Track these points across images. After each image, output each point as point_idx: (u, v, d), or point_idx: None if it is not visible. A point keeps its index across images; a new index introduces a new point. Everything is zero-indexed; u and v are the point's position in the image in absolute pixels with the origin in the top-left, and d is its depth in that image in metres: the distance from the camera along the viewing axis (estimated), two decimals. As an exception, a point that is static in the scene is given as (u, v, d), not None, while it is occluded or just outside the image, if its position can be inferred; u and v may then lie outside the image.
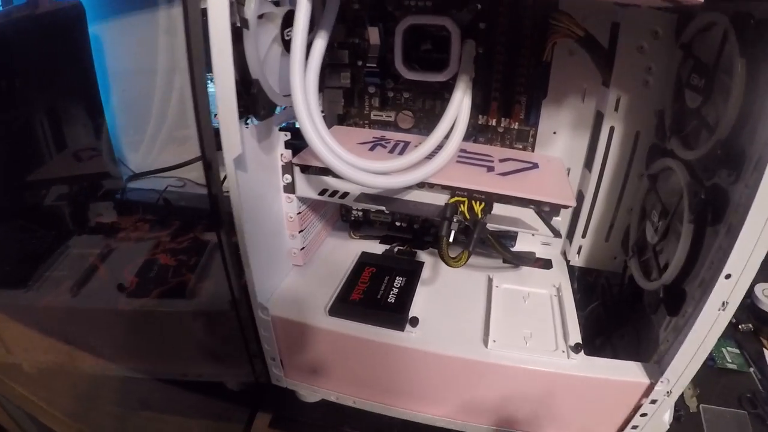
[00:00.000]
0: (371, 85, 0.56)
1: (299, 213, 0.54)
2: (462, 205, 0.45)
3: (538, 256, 0.60)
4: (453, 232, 0.45)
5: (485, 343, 0.48)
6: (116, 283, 0.65)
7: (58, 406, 0.60)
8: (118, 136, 0.86)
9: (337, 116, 0.59)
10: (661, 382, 0.44)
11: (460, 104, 0.47)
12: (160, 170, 0.79)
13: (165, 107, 0.85)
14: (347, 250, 0.60)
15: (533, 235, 0.59)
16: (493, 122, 0.54)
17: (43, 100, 0.75)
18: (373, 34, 0.53)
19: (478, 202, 0.46)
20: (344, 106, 0.57)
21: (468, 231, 0.46)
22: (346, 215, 0.64)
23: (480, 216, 0.45)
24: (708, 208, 0.41)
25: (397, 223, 0.61)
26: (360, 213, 0.63)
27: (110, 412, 0.59)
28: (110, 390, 0.61)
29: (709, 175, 0.42)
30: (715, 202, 0.40)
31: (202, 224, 0.74)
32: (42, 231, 0.73)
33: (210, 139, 0.43)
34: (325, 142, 0.44)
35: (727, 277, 0.37)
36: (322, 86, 0.56)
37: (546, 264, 0.59)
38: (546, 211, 0.46)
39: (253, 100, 0.43)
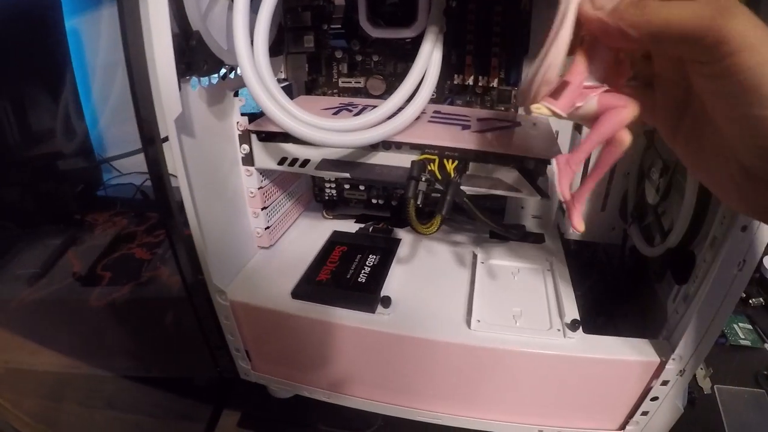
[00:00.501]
0: (338, 49, 0.52)
1: (261, 188, 0.49)
2: (432, 164, 0.40)
3: (529, 230, 0.55)
4: (421, 194, 0.39)
5: (468, 323, 0.42)
6: (85, 278, 0.62)
7: (23, 407, 0.56)
8: (99, 131, 0.84)
9: (304, 85, 0.55)
10: (673, 359, 0.39)
11: (428, 57, 0.43)
12: (124, 155, 0.75)
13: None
14: (320, 231, 0.55)
15: (522, 207, 0.56)
16: (470, 81, 0.49)
17: (16, 88, 0.73)
18: (338, -6, 0.49)
19: (450, 161, 0.41)
20: (310, 73, 0.53)
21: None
22: (319, 195, 0.59)
23: (453, 175, 0.40)
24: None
25: (374, 200, 0.56)
26: (334, 192, 0.58)
27: (74, 411, 0.55)
28: (75, 389, 0.57)
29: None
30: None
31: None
32: (7, 223, 0.70)
33: (146, 96, 0.38)
34: (276, 99, 0.39)
35: (743, 229, 0.32)
36: (285, 50, 0.52)
37: (538, 238, 0.54)
38: (530, 168, 0.41)
39: (193, 54, 0.38)
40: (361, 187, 0.56)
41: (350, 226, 0.57)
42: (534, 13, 0.47)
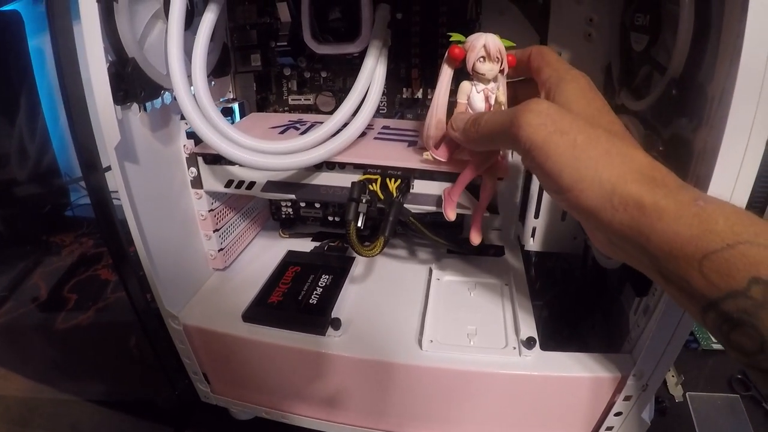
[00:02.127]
0: (286, 66, 0.51)
1: (211, 210, 0.48)
2: (373, 184, 0.39)
3: (489, 242, 0.54)
4: (362, 216, 0.39)
5: (420, 343, 0.42)
6: (50, 300, 0.62)
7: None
8: (66, 151, 0.83)
9: (255, 104, 0.54)
10: (633, 375, 0.38)
11: (372, 73, 0.42)
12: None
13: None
14: (276, 251, 0.54)
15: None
16: (419, 94, 0.49)
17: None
18: (283, 11, 0.48)
19: (392, 180, 0.40)
20: (258, 92, 0.52)
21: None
22: (276, 213, 0.58)
23: (395, 195, 0.39)
24: (669, 161, 0.35)
25: (330, 218, 0.56)
26: (290, 210, 0.57)
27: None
28: (40, 414, 0.57)
29: (666, 123, 0.36)
30: (676, 152, 0.34)
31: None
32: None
33: (85, 124, 0.38)
34: (213, 124, 0.39)
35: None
36: (231, 70, 0.51)
37: (497, 251, 0.53)
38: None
39: (130, 81, 0.38)
40: (317, 205, 0.55)
41: (307, 245, 0.56)
42: (482, 21, 0.46)
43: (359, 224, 0.38)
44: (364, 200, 0.39)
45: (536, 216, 0.51)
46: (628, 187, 0.25)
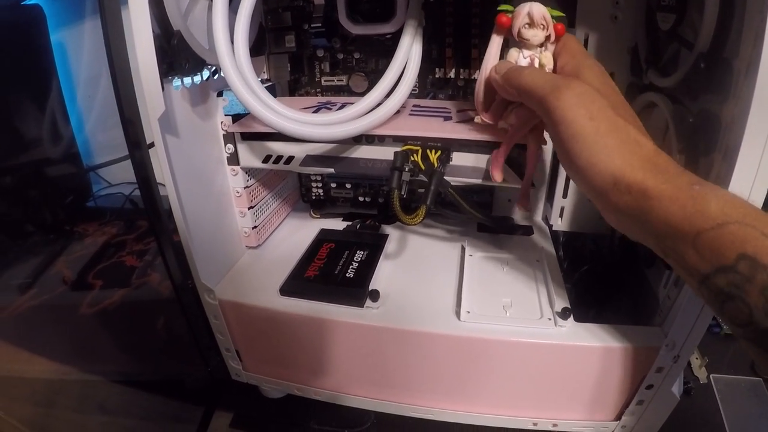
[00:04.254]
0: (319, 48, 0.52)
1: (247, 187, 0.49)
2: (415, 155, 0.40)
3: (517, 222, 0.54)
4: (405, 185, 0.39)
5: (458, 314, 0.42)
6: (76, 286, 0.62)
7: (15, 414, 0.56)
8: (87, 142, 0.84)
9: (287, 85, 0.55)
10: (666, 345, 0.38)
11: (408, 51, 0.43)
12: (110, 162, 0.75)
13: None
14: (307, 230, 0.55)
15: (509, 200, 0.56)
16: (451, 74, 0.50)
17: (4, 101, 0.73)
18: (317, -6, 0.50)
19: (433, 151, 0.41)
20: (292, 72, 0.53)
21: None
22: (306, 194, 0.59)
23: (436, 165, 0.40)
24: (698, 134, 0.36)
25: (361, 198, 0.56)
26: (321, 191, 0.58)
27: (67, 417, 0.55)
28: (67, 395, 0.57)
29: (694, 98, 0.37)
30: (705, 126, 0.35)
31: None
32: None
33: (130, 97, 0.39)
34: (258, 96, 0.39)
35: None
36: (266, 50, 0.52)
37: (526, 230, 0.53)
38: (514, 156, 0.41)
39: (174, 53, 0.39)
40: (348, 186, 0.56)
41: (337, 225, 0.57)
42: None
43: (402, 193, 0.39)
44: (406, 169, 0.39)
45: (564, 196, 0.52)
46: (635, 173, 0.28)
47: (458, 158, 0.42)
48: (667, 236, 0.27)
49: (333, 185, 0.57)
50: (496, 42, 0.38)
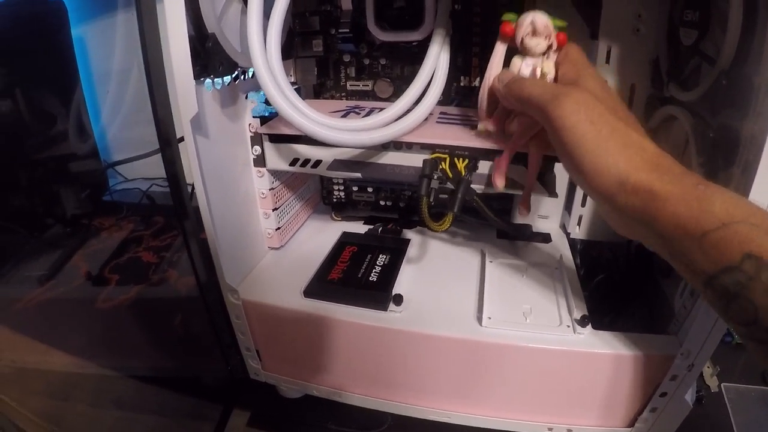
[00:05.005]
0: (346, 53, 0.53)
1: (272, 189, 0.50)
2: (443, 162, 0.41)
3: (536, 230, 0.55)
4: (434, 191, 0.40)
5: (479, 320, 0.43)
6: (93, 281, 0.62)
7: (30, 406, 0.56)
8: (104, 137, 0.84)
9: (312, 88, 0.56)
10: (681, 354, 0.39)
11: (436, 59, 0.44)
12: (133, 158, 0.76)
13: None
14: (329, 232, 0.55)
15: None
16: (477, 82, 0.50)
17: (23, 95, 0.73)
18: (345, 0, 0.50)
19: (460, 159, 0.41)
20: (318, 76, 0.54)
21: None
22: (327, 197, 0.60)
23: (464, 173, 0.41)
24: (718, 149, 0.37)
25: (382, 202, 0.57)
26: (342, 194, 0.59)
27: (82, 411, 0.55)
28: (83, 389, 0.57)
29: (715, 113, 0.38)
30: (725, 140, 0.36)
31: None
32: (15, 226, 0.71)
33: (163, 96, 0.39)
34: (289, 100, 0.40)
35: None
36: (294, 54, 0.53)
37: (545, 238, 0.54)
38: (544, 173, 0.42)
39: (209, 55, 0.39)
40: (370, 189, 0.57)
41: (359, 228, 0.57)
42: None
43: (431, 200, 0.40)
44: (435, 177, 0.40)
45: (582, 204, 0.53)
46: (640, 174, 0.28)
47: (485, 167, 0.43)
48: (675, 237, 0.27)
49: (355, 188, 0.58)
50: (499, 50, 0.38)
